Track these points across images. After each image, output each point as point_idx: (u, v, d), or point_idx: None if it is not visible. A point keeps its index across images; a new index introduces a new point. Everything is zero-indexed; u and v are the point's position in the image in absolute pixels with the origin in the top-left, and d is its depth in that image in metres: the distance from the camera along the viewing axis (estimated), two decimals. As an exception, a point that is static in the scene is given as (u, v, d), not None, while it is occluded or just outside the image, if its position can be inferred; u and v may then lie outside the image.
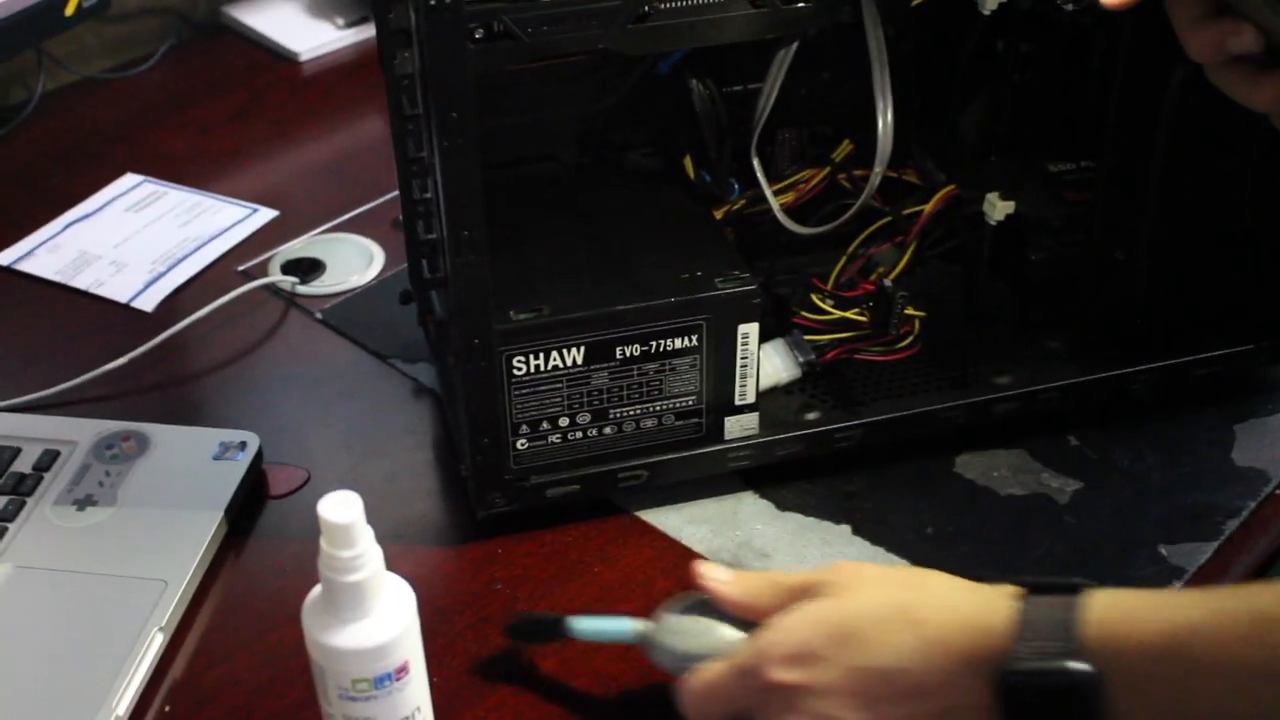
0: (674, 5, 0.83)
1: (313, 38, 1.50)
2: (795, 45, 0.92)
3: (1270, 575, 0.91)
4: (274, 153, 1.34)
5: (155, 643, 0.83)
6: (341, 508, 0.67)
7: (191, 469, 0.94)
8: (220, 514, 0.91)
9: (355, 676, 0.70)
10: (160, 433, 0.97)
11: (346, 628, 0.69)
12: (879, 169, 0.89)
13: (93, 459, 0.95)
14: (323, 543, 0.68)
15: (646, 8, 0.82)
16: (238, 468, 0.94)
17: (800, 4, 0.85)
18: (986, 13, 0.91)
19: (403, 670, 0.70)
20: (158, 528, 0.90)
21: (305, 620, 0.70)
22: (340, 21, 1.51)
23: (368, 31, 1.48)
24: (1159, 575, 0.88)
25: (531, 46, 0.81)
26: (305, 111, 1.40)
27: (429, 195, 0.91)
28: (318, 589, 0.70)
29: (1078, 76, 0.97)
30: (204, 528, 0.90)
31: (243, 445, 0.96)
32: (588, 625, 0.82)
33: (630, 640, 0.80)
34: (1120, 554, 0.89)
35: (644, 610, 0.80)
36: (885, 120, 0.89)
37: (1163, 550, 0.89)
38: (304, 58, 1.48)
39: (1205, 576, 0.88)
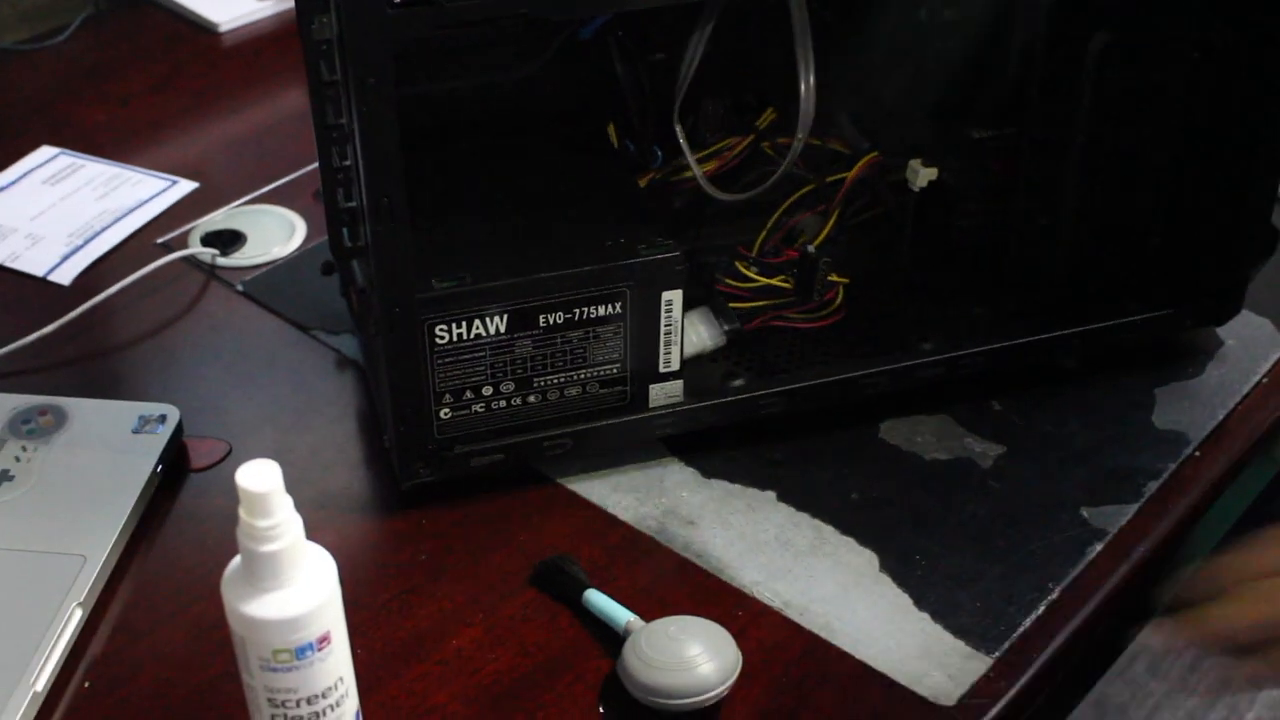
0: (594, -31, 0.82)
1: (233, 8, 1.48)
2: (718, 12, 0.92)
3: (1190, 536, 0.92)
4: (194, 124, 1.33)
5: (74, 618, 0.82)
6: (259, 476, 0.66)
7: (110, 443, 0.93)
8: (139, 488, 0.90)
9: (276, 647, 0.69)
10: (78, 407, 0.96)
11: (266, 597, 0.68)
12: (801, 136, 0.89)
13: (9, 434, 0.93)
14: (241, 512, 0.67)
15: (566, -28, 0.82)
16: (157, 441, 0.93)
17: (721, -31, 0.85)
18: (908, -21, 0.91)
19: (324, 640, 0.70)
20: (76, 503, 0.89)
21: (225, 591, 0.69)
22: (260, -9, 1.49)
23: (288, 2, 1.46)
24: (1080, 537, 0.88)
25: (451, 11, 0.80)
26: (226, 83, 1.39)
27: (348, 163, 0.91)
28: (237, 559, 0.69)
29: (1001, 43, 0.97)
30: (123, 502, 0.89)
31: (163, 418, 0.94)
32: (597, 600, 0.83)
33: (619, 629, 0.81)
34: (1042, 516, 0.90)
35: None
36: (807, 87, 0.89)
37: (1084, 513, 0.90)
38: (224, 29, 1.46)
39: (1125, 538, 0.89)
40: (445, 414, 0.87)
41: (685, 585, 0.86)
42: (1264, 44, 0.90)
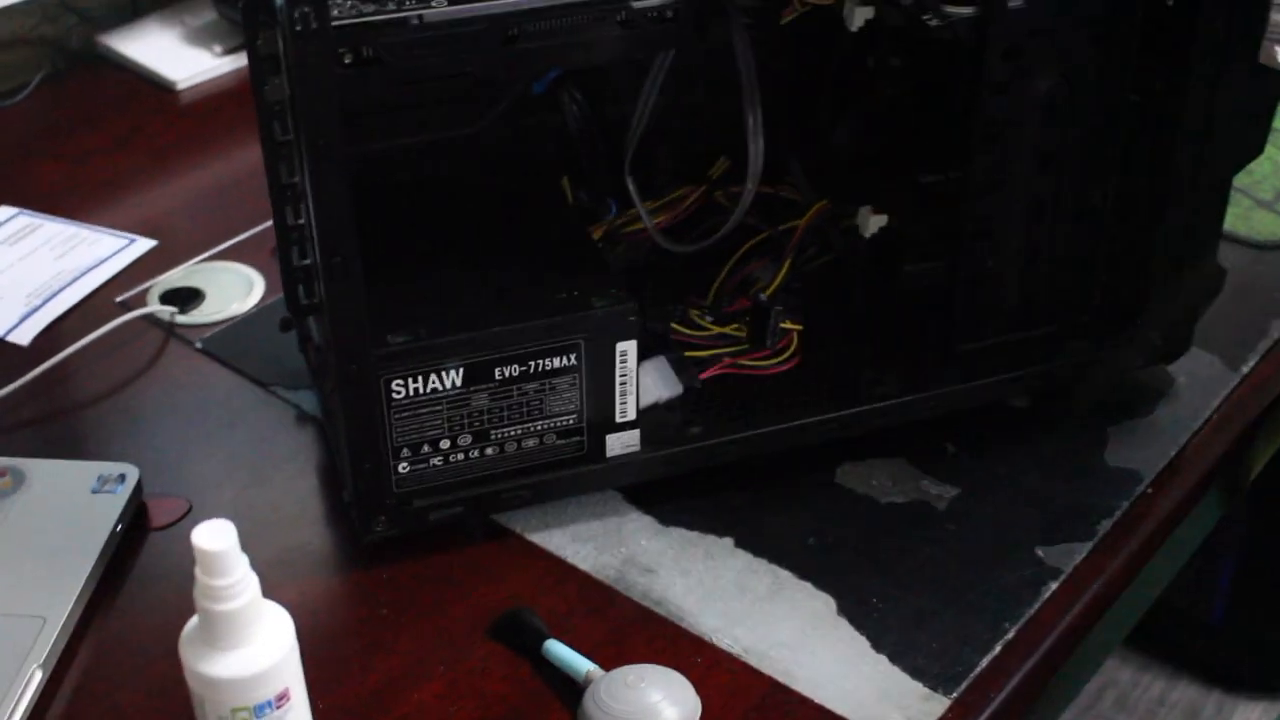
0: (542, 27, 0.83)
1: (190, 66, 1.48)
2: (667, 64, 0.93)
3: (1143, 572, 0.93)
4: (152, 182, 1.33)
5: (34, 680, 0.82)
6: (214, 535, 0.66)
7: (70, 503, 0.93)
8: (99, 548, 0.90)
9: (235, 705, 0.69)
10: (37, 467, 0.96)
11: (224, 656, 0.68)
12: (751, 186, 0.90)
13: (-32, 496, 0.94)
14: (197, 571, 0.67)
15: (514, 30, 0.83)
16: (117, 500, 0.93)
17: (668, 23, 0.86)
18: (854, 29, 0.93)
19: (283, 698, 0.70)
20: (36, 563, 0.89)
21: (183, 650, 0.70)
22: (218, 49, 1.50)
23: (245, 59, 1.47)
24: (1036, 576, 0.89)
25: (400, 71, 0.81)
26: (183, 140, 1.39)
27: (302, 221, 0.91)
28: (195, 619, 0.70)
29: (946, 89, 0.99)
30: (83, 562, 0.89)
31: (122, 478, 0.95)
32: (557, 650, 0.83)
33: (579, 679, 0.82)
34: (998, 557, 0.91)
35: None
36: (756, 138, 0.90)
37: (1039, 552, 0.91)
38: (181, 86, 1.47)
39: (1080, 576, 0.90)
40: (404, 468, 0.88)
41: (644, 633, 0.86)
42: (1203, 86, 0.92)
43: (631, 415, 0.91)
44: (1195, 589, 1.83)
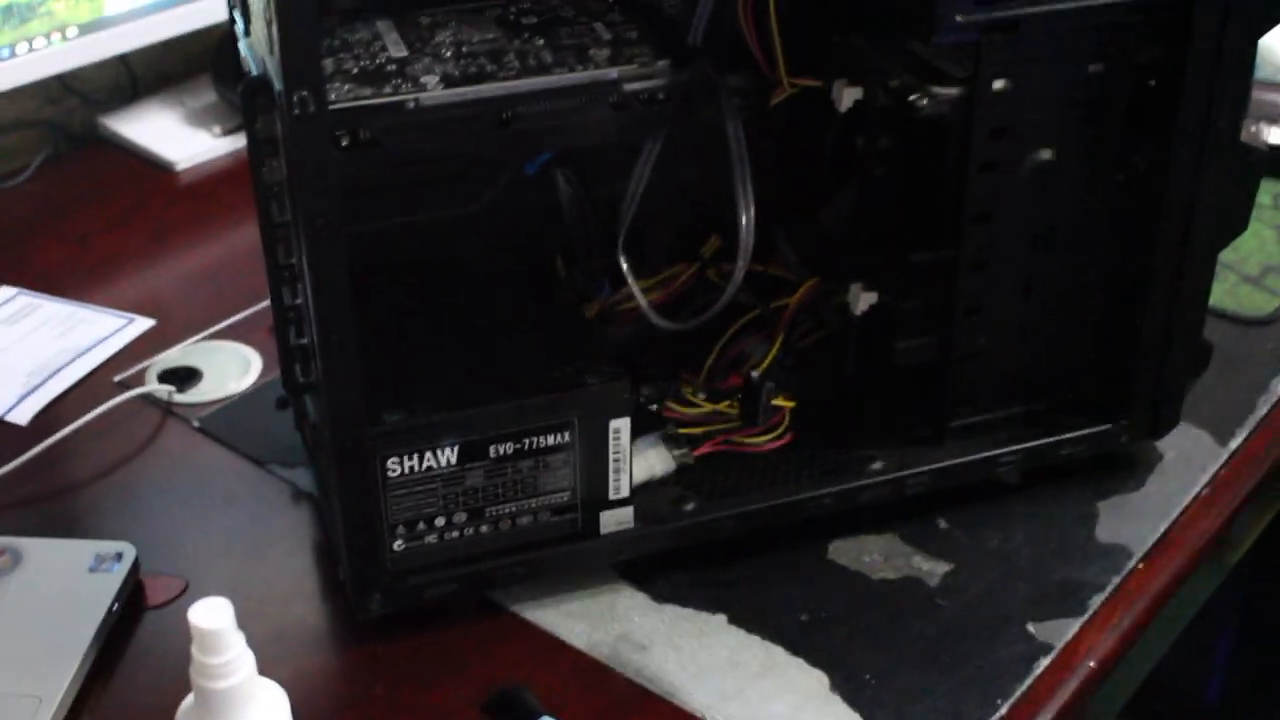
0: (536, 109, 0.85)
1: (190, 146, 1.50)
2: (659, 144, 0.94)
3: (1136, 647, 0.93)
4: (151, 262, 1.35)
5: (30, 759, 0.82)
6: (210, 613, 0.67)
7: (66, 582, 0.93)
8: (95, 627, 0.90)
9: (229, 784, 0.70)
10: (34, 546, 0.96)
11: (219, 735, 0.69)
12: (742, 264, 0.91)
13: (-35, 575, 0.94)
14: (194, 649, 0.68)
15: (509, 113, 0.84)
16: (113, 579, 0.93)
17: (659, 104, 0.88)
18: (843, 110, 0.94)
19: (277, 776, 0.70)
20: (31, 642, 0.89)
21: (178, 729, 0.70)
22: (217, 130, 1.52)
23: (244, 140, 1.48)
24: (1027, 652, 0.90)
25: (396, 153, 0.83)
26: (182, 220, 1.41)
27: (299, 301, 0.92)
28: (190, 696, 0.70)
29: (934, 168, 1.00)
30: (79, 641, 0.89)
31: (119, 556, 0.95)
32: None
33: None
34: (990, 632, 0.91)
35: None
36: (747, 217, 0.91)
37: (1030, 628, 0.91)
38: (181, 167, 1.49)
39: (1071, 652, 0.90)
40: (399, 545, 0.89)
41: (638, 710, 0.87)
42: (1186, 165, 0.93)
43: (625, 492, 0.92)
44: (1190, 669, 1.82)
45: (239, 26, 0.91)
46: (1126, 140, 0.94)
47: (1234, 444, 1.06)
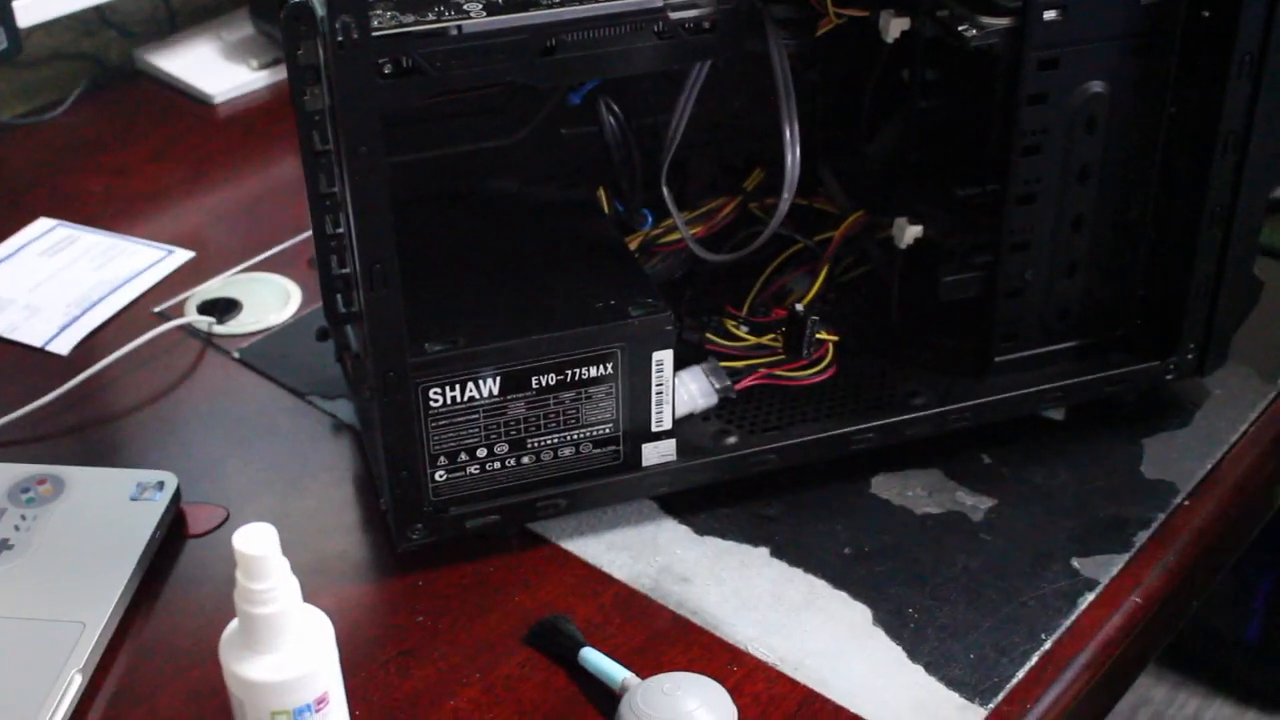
0: (580, 37, 0.84)
1: (227, 80, 1.50)
2: (703, 75, 0.93)
3: (1181, 584, 0.92)
4: (190, 195, 1.34)
5: (74, 685, 0.83)
6: (255, 539, 0.67)
7: (108, 510, 0.94)
8: (138, 554, 0.90)
9: (274, 709, 0.70)
10: (77, 475, 0.96)
11: (263, 659, 0.69)
12: (787, 196, 0.90)
13: (8, 503, 0.94)
14: (238, 575, 0.68)
15: (553, 40, 0.83)
16: (155, 508, 0.94)
17: (705, 34, 0.86)
18: (890, 41, 0.93)
19: (322, 701, 0.71)
20: (75, 570, 0.90)
21: (222, 653, 0.70)
22: (254, 63, 1.51)
23: (281, 73, 1.48)
24: (1072, 588, 0.89)
25: (439, 80, 0.82)
26: (221, 153, 1.40)
27: (341, 230, 0.92)
28: (234, 623, 0.70)
29: (982, 101, 0.99)
30: (121, 568, 0.89)
31: (160, 485, 0.95)
32: (593, 658, 0.84)
33: (615, 687, 0.82)
34: (1034, 568, 0.90)
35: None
36: (792, 149, 0.90)
37: (1075, 563, 0.91)
38: (219, 100, 1.48)
39: (1116, 588, 0.89)
40: (440, 476, 0.88)
41: (680, 642, 0.86)
42: (1241, 98, 0.91)
43: (668, 425, 0.91)
44: (1231, 607, 1.82)
45: (280, -47, 0.90)
46: (1180, 73, 0.92)
47: (1281, 382, 1.05)
